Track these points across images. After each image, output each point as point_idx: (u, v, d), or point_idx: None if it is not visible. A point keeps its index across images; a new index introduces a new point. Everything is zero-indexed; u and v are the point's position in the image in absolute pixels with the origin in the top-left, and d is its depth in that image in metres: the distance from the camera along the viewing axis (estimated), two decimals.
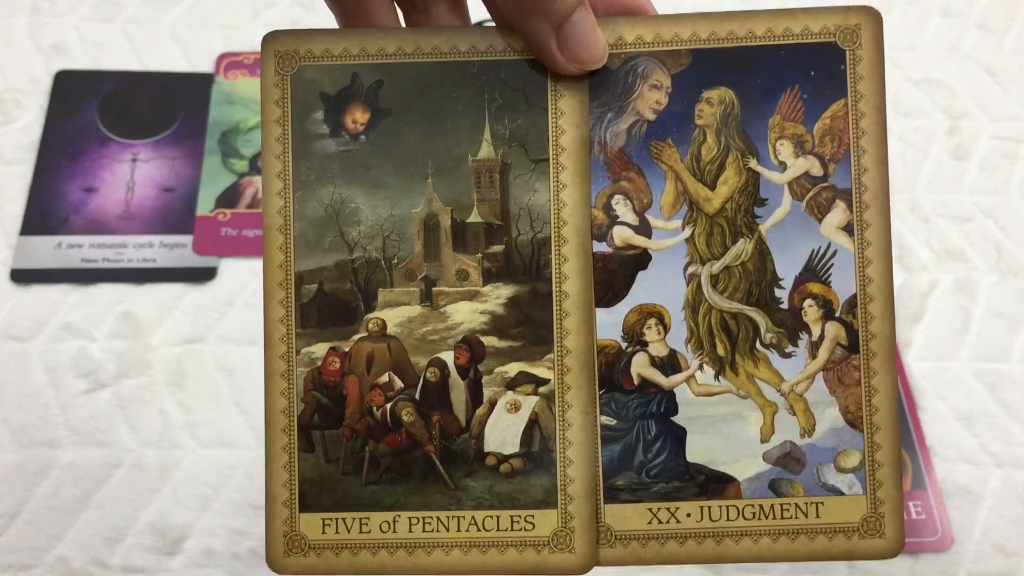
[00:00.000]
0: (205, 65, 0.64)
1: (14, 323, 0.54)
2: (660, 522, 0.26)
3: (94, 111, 0.62)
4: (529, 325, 0.26)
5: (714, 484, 0.26)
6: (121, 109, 0.62)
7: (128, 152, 0.61)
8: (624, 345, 0.26)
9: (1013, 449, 0.52)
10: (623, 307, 0.26)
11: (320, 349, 0.26)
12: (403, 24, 0.29)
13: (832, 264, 0.26)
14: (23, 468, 0.50)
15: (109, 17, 0.66)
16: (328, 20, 0.69)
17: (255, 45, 0.66)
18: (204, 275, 0.56)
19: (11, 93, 0.62)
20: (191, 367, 0.53)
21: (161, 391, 0.53)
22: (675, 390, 0.26)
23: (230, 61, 0.64)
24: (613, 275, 0.26)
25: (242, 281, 0.56)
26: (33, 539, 0.49)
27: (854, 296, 0.26)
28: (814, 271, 0.26)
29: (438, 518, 0.25)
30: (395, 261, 0.26)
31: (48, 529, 0.49)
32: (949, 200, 0.61)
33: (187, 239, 0.57)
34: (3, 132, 0.61)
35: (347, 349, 0.26)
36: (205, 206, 0.58)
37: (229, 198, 0.59)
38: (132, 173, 0.60)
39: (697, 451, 0.26)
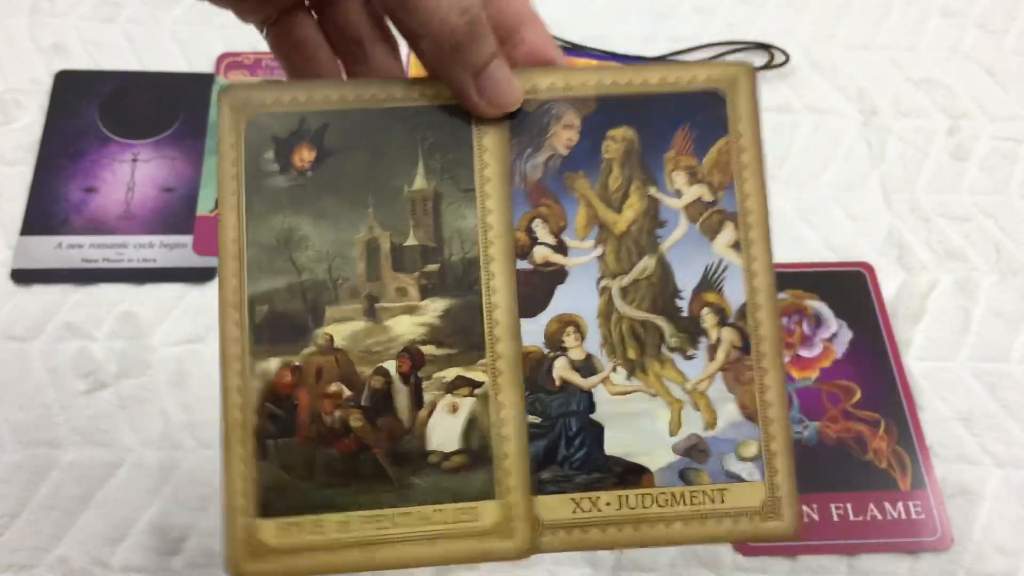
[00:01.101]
0: (205, 65, 0.64)
1: (15, 323, 0.55)
2: (583, 511, 0.28)
3: (94, 111, 0.62)
4: (463, 334, 0.28)
5: (630, 474, 0.29)
6: (121, 109, 0.62)
7: (128, 152, 0.61)
8: (547, 351, 0.29)
9: (1013, 449, 0.52)
10: (544, 317, 0.29)
11: (273, 364, 0.28)
12: (344, 75, 0.32)
13: (724, 277, 0.30)
14: (24, 468, 0.50)
15: (109, 17, 0.66)
16: None
17: (255, 45, 0.66)
18: (204, 275, 0.56)
19: (11, 93, 0.62)
20: (192, 367, 0.53)
21: (162, 391, 0.53)
22: (593, 390, 0.29)
23: (230, 61, 0.64)
24: (535, 289, 0.29)
25: None
26: (34, 539, 0.49)
27: (744, 304, 0.30)
28: (709, 283, 0.30)
29: (389, 516, 0.27)
30: (340, 281, 0.28)
31: (49, 529, 0.49)
32: (949, 200, 0.61)
33: (187, 239, 0.57)
34: (3, 132, 0.61)
35: (298, 363, 0.28)
36: (205, 206, 0.58)
37: None
38: (132, 173, 0.60)
39: (614, 445, 0.29)
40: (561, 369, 0.29)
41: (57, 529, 0.49)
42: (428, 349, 0.28)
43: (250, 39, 0.65)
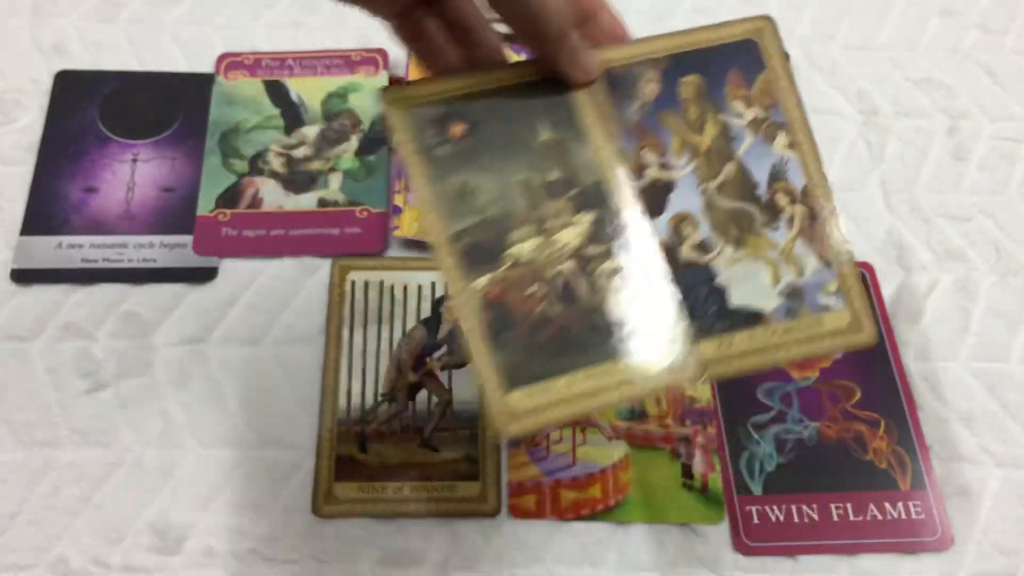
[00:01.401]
0: (205, 65, 0.64)
1: (15, 323, 0.55)
2: (724, 348, 0.38)
3: (94, 111, 0.62)
4: (611, 234, 0.38)
5: (751, 319, 0.39)
6: (121, 109, 0.62)
7: (128, 152, 0.61)
8: (672, 241, 0.39)
9: (1013, 449, 0.52)
10: (665, 217, 0.39)
11: (483, 281, 0.37)
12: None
13: (787, 169, 0.40)
14: (23, 468, 0.50)
15: (109, 17, 0.66)
16: (329, 20, 0.69)
17: (255, 45, 0.66)
18: (204, 275, 0.56)
19: (12, 93, 0.62)
20: (192, 367, 0.53)
21: (162, 391, 0.53)
22: (711, 264, 0.39)
23: (230, 61, 0.64)
24: (653, 199, 0.39)
25: (243, 281, 0.56)
26: (33, 539, 0.49)
27: (805, 186, 0.40)
28: (777, 175, 0.40)
29: (597, 372, 0.36)
30: (512, 213, 0.38)
31: (48, 529, 0.49)
32: (949, 200, 0.61)
33: (187, 239, 0.57)
34: (3, 132, 0.61)
35: (501, 277, 0.37)
36: (205, 206, 0.59)
37: (229, 198, 0.59)
38: (132, 173, 0.60)
39: (735, 299, 0.39)
40: (686, 252, 0.39)
41: (57, 529, 0.49)
42: (590, 249, 0.38)
43: (250, 39, 0.66)
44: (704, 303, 0.39)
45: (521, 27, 0.36)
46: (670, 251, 0.39)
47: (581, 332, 0.37)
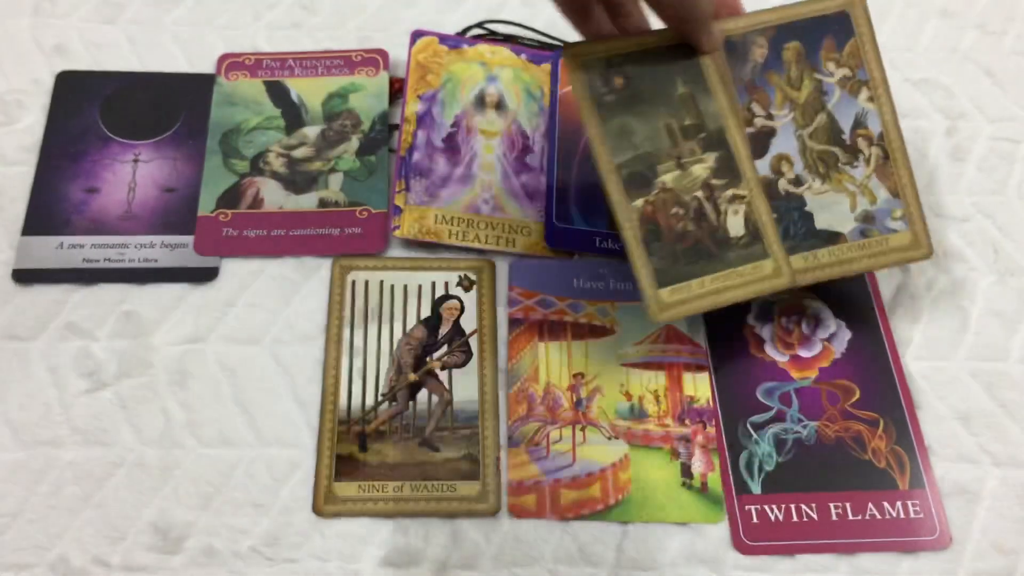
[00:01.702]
0: (206, 66, 0.64)
1: (16, 323, 0.55)
2: (811, 261, 0.49)
3: (96, 112, 0.62)
4: (730, 170, 0.48)
5: (833, 238, 0.50)
6: (122, 110, 0.62)
7: (129, 153, 0.61)
8: (772, 176, 0.50)
9: (1011, 448, 0.52)
10: (768, 157, 0.50)
11: (639, 202, 0.47)
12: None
13: (867, 118, 0.50)
14: (24, 467, 0.51)
15: (111, 18, 0.66)
16: (329, 21, 0.69)
17: (256, 46, 0.66)
18: (205, 275, 0.57)
19: (13, 94, 0.63)
20: (193, 367, 0.54)
21: (163, 391, 0.53)
22: (804, 194, 0.50)
23: (231, 62, 0.64)
24: (759, 142, 0.49)
25: (244, 281, 0.57)
26: (34, 538, 0.49)
27: (881, 132, 0.50)
28: (859, 123, 0.50)
29: (722, 275, 0.47)
30: (659, 150, 0.47)
31: (49, 528, 0.49)
32: (947, 200, 0.61)
33: (188, 239, 0.57)
34: (5, 133, 0.61)
35: (652, 200, 0.47)
36: (206, 206, 0.59)
37: (230, 198, 0.59)
38: (133, 173, 0.60)
39: (820, 223, 0.49)
40: (783, 185, 0.50)
41: (57, 528, 0.49)
42: (715, 181, 0.48)
43: (251, 39, 0.66)
44: (796, 225, 0.49)
45: (677, 13, 0.45)
46: (770, 184, 0.49)
47: (709, 245, 0.47)
